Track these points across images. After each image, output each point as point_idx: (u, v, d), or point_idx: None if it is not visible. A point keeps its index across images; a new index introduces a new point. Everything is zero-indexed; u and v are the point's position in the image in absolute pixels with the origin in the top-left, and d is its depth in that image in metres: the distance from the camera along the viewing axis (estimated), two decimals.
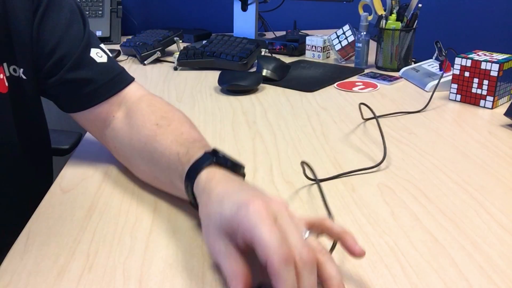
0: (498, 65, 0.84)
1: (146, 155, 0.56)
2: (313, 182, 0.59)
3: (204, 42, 1.35)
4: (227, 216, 0.39)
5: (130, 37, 1.40)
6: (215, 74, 1.09)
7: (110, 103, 0.62)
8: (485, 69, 0.86)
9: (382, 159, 0.65)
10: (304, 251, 0.36)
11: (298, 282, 0.35)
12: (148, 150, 0.56)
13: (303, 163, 0.59)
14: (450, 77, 0.93)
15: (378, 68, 1.19)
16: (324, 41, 1.30)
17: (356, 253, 0.40)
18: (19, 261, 0.45)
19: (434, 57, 1.09)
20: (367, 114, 0.82)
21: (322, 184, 0.59)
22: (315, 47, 1.32)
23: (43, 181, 0.71)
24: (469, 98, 0.89)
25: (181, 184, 0.49)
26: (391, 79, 1.08)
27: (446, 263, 0.44)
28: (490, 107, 0.87)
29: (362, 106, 0.83)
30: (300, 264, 0.36)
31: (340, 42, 1.27)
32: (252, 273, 0.38)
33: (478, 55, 0.90)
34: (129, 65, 1.31)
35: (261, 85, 1.04)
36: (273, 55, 1.25)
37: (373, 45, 1.22)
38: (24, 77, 0.59)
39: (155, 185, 0.58)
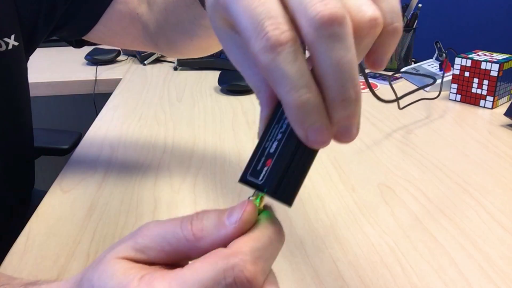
0: (498, 65, 0.84)
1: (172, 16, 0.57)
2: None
3: None
4: None
5: None
6: (215, 74, 1.09)
7: None
8: (485, 69, 0.86)
9: None
10: (314, 9, 0.21)
11: (314, 66, 0.22)
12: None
13: None
14: (450, 77, 0.93)
15: None
16: None
17: None
18: (19, 261, 0.45)
19: (434, 57, 1.09)
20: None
21: (322, 184, 0.59)
22: None
23: (22, 183, 0.69)
24: (469, 98, 0.89)
25: None
26: (391, 79, 1.08)
27: (446, 263, 0.44)
28: (490, 107, 0.87)
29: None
30: (308, 29, 0.21)
31: None
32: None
33: (478, 55, 0.90)
34: (129, 65, 1.31)
35: None
36: None
37: None
38: (15, 43, 0.58)
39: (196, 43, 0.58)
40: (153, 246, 0.25)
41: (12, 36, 0.57)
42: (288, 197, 0.25)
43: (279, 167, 0.24)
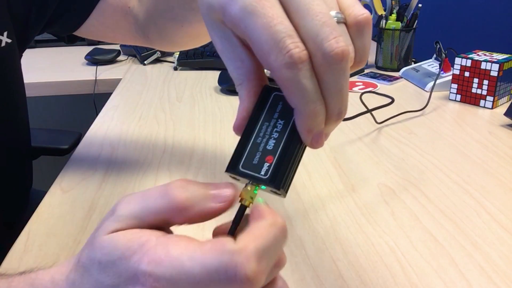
0: (498, 65, 0.84)
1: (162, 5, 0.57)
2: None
3: None
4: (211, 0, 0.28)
5: None
6: (215, 74, 1.09)
7: None
8: (485, 69, 0.86)
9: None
10: (329, 45, 0.25)
11: (320, 87, 0.26)
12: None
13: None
14: (450, 77, 0.93)
15: (378, 68, 1.19)
16: None
17: None
18: (19, 261, 0.45)
19: (434, 57, 1.09)
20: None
21: (322, 184, 0.59)
22: None
23: (19, 181, 0.69)
24: (469, 98, 0.89)
25: None
26: (391, 79, 1.08)
27: (446, 263, 0.44)
28: (490, 107, 0.87)
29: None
30: (322, 60, 0.25)
31: None
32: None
33: (478, 55, 0.90)
34: (129, 65, 1.31)
35: None
36: None
37: (373, 45, 1.22)
38: (8, 40, 0.58)
39: (185, 30, 0.58)
40: (136, 215, 0.26)
41: (5, 33, 0.57)
42: (288, 189, 0.28)
43: (284, 164, 0.27)
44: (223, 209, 0.27)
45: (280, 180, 0.27)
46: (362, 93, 0.90)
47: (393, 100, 0.82)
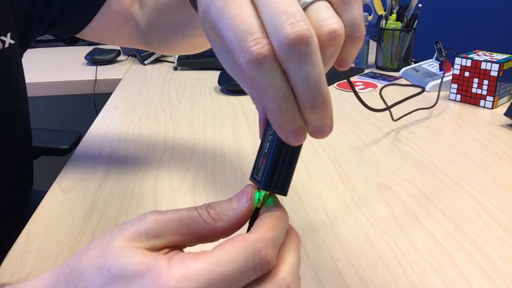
0: (498, 65, 0.84)
1: (162, 16, 0.57)
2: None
3: None
4: (200, 9, 0.29)
5: None
6: (215, 74, 1.09)
7: None
8: (485, 69, 0.86)
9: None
10: (284, 32, 0.24)
11: (287, 78, 0.25)
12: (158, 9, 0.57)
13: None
14: (450, 77, 0.93)
15: (378, 68, 1.19)
16: None
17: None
18: (19, 261, 0.45)
19: (434, 57, 1.09)
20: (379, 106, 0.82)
21: (322, 184, 0.59)
22: None
23: (20, 182, 0.69)
24: (469, 98, 0.89)
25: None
26: (391, 79, 1.08)
27: (446, 263, 0.44)
28: (490, 107, 0.87)
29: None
30: (279, 49, 0.24)
31: None
32: None
33: (478, 55, 0.90)
34: (129, 65, 1.31)
35: None
36: None
37: (373, 45, 1.22)
38: (12, 41, 0.58)
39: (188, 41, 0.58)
40: (169, 230, 0.26)
41: (8, 34, 0.57)
42: (282, 188, 0.29)
43: (270, 164, 0.28)
44: (251, 206, 0.28)
45: (266, 181, 0.28)
46: (382, 88, 0.89)
47: (423, 89, 0.83)
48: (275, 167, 0.28)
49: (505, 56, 0.88)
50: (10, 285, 0.28)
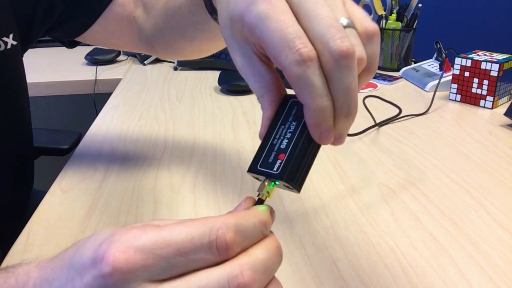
0: (498, 65, 0.84)
1: (170, 20, 0.57)
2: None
3: None
4: (232, 12, 0.31)
5: None
6: (215, 74, 1.09)
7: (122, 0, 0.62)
8: (485, 69, 0.86)
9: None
10: (335, 44, 0.27)
11: (328, 85, 0.28)
12: (167, 13, 0.57)
13: None
14: (450, 77, 0.93)
15: (378, 68, 1.19)
16: None
17: None
18: (19, 261, 0.45)
19: (434, 57, 1.09)
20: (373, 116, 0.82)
21: (322, 184, 0.59)
22: None
23: (21, 182, 0.69)
24: (469, 98, 0.89)
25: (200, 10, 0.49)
26: (391, 79, 1.08)
27: (446, 263, 0.44)
28: (490, 107, 0.87)
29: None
30: (329, 58, 0.27)
31: None
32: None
33: (478, 55, 0.90)
34: (129, 65, 1.31)
35: None
36: None
37: None
38: (14, 42, 0.58)
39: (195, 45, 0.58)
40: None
41: (11, 36, 0.57)
42: (300, 184, 0.30)
43: (294, 159, 0.29)
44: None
45: (289, 174, 0.29)
46: (365, 97, 0.89)
47: (400, 111, 0.82)
48: (300, 162, 0.29)
49: (505, 56, 0.88)
50: (5, 269, 0.30)
